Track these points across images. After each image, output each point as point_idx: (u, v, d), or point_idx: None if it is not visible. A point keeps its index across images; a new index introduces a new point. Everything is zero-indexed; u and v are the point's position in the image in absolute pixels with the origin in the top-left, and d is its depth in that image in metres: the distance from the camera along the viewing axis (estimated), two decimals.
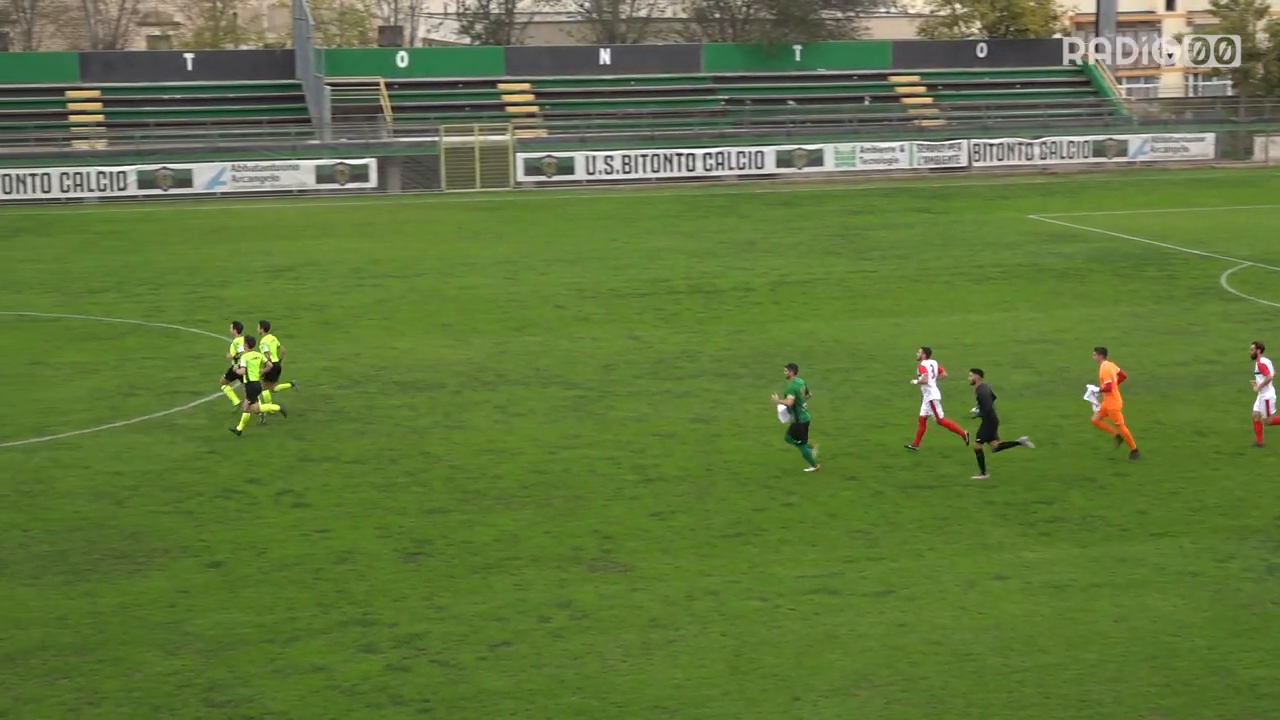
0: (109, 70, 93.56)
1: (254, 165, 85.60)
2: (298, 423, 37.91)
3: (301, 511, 31.32)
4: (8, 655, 24.25)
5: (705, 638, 24.85)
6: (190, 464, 34.60)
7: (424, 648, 24.49)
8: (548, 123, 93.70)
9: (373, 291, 55.97)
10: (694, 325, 49.58)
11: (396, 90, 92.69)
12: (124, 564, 28.32)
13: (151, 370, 43.69)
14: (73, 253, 66.02)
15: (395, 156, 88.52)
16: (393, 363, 44.51)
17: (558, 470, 33.91)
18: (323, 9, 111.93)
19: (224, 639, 24.86)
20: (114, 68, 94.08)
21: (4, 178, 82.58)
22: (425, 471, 33.93)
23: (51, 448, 35.99)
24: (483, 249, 65.82)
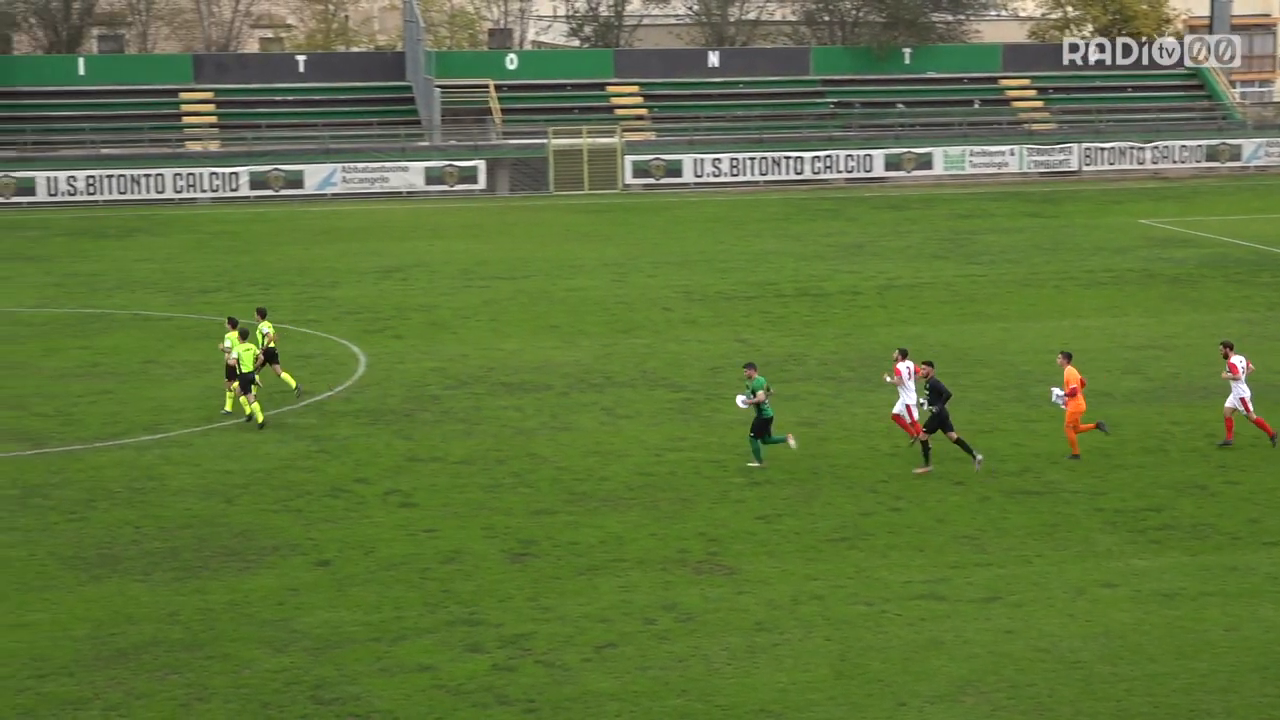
0: (222, 72, 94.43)
1: (364, 167, 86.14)
2: (405, 423, 38.14)
3: (409, 511, 31.49)
4: (120, 650, 24.53)
5: (810, 642, 24.80)
6: (299, 463, 34.87)
7: (529, 648, 24.57)
8: (656, 125, 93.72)
9: (481, 293, 56.20)
10: (801, 328, 49.47)
11: (506, 92, 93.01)
12: (234, 561, 28.58)
13: (264, 371, 44.01)
14: (185, 253, 66.69)
15: (504, 158, 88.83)
16: (500, 364, 44.68)
17: (664, 472, 33.93)
18: (433, 12, 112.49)
19: (331, 637, 25.04)
20: (227, 70, 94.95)
21: (119, 178, 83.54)
22: (532, 472, 34.03)
23: (163, 445, 36.37)
24: (590, 251, 65.94)
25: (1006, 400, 39.61)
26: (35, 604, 26.52)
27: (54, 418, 39.00)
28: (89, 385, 42.23)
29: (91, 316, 52.33)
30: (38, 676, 23.57)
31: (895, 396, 35.63)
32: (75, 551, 29.12)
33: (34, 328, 50.36)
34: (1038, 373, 42.64)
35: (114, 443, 36.66)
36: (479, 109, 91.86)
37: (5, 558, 28.77)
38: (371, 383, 42.26)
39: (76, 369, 44.31)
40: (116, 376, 43.40)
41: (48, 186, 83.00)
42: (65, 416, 39.13)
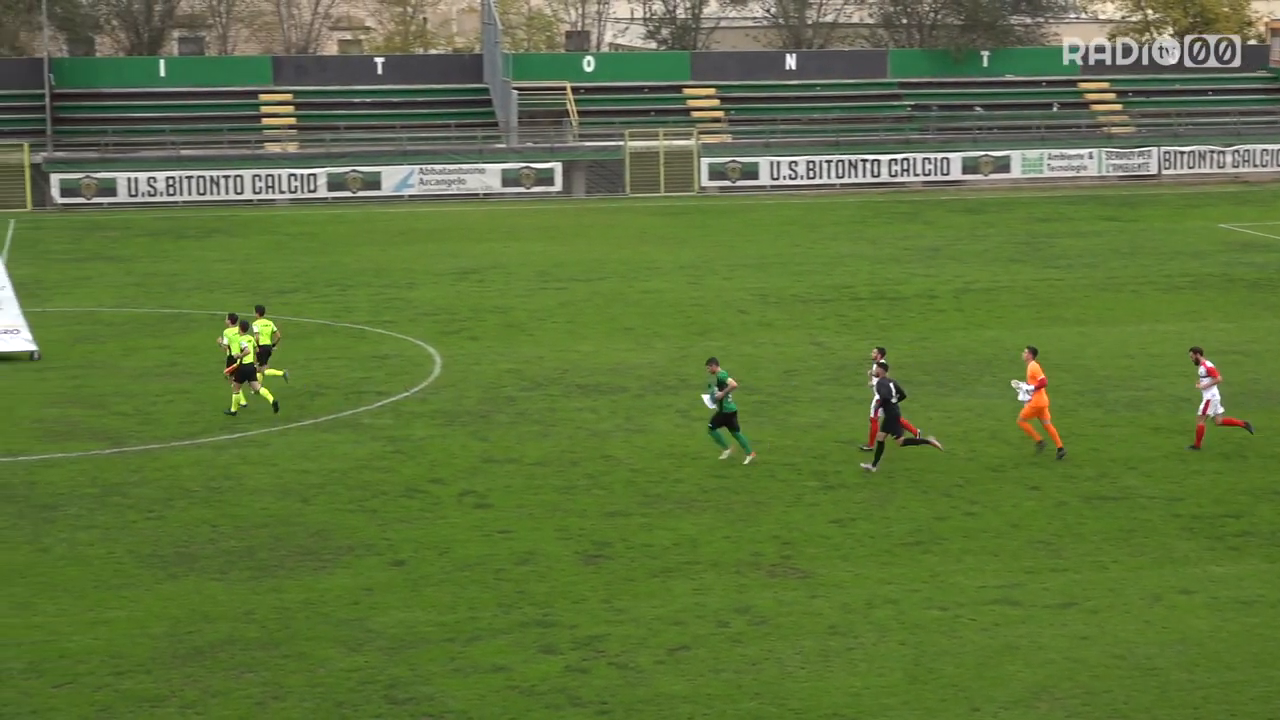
0: (301, 74, 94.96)
1: (441, 168, 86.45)
2: (481, 424, 38.26)
3: (484, 512, 31.59)
4: (196, 649, 24.71)
5: (884, 646, 24.73)
6: (375, 463, 35.03)
7: (603, 650, 24.61)
8: (732, 128, 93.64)
9: (556, 294, 56.30)
10: (877, 332, 49.33)
11: (582, 95, 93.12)
12: (309, 561, 28.74)
13: (338, 370, 44.28)
14: (264, 253, 67.10)
15: (580, 160, 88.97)
16: (575, 365, 44.74)
17: (738, 475, 33.91)
18: (511, 14, 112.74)
19: (406, 637, 25.14)
20: (306, 72, 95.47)
21: (199, 179, 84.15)
22: (606, 474, 34.07)
23: (240, 445, 36.60)
24: (666, 253, 65.96)
25: (1084, 405, 39.38)
26: (113, 602, 26.75)
27: (133, 417, 39.32)
28: (167, 385, 42.56)
29: (170, 316, 52.73)
30: (116, 674, 23.76)
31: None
32: (153, 550, 29.34)
33: (114, 327, 50.78)
34: (1115, 378, 42.41)
35: (191, 442, 36.93)
36: (556, 111, 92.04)
37: (84, 556, 29.02)
38: (447, 384, 42.40)
39: (155, 368, 44.67)
40: (194, 376, 43.70)
41: (128, 187, 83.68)
42: (144, 415, 39.44)
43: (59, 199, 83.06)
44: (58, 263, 64.74)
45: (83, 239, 71.72)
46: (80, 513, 31.54)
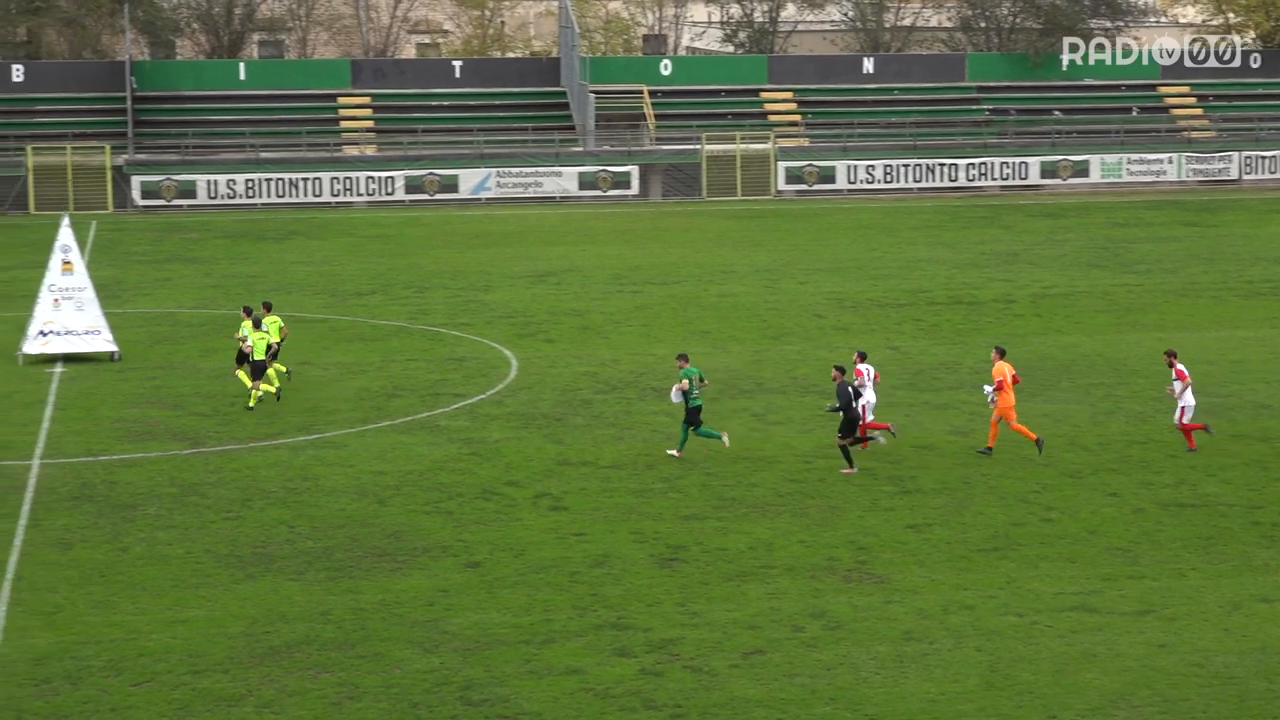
0: (380, 77, 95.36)
1: (518, 171, 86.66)
2: (556, 427, 38.33)
3: (559, 514, 31.64)
4: (273, 648, 24.85)
5: (960, 652, 24.64)
6: (451, 465, 35.14)
7: (677, 653, 24.61)
8: (809, 131, 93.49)
9: (632, 298, 56.34)
10: (954, 337, 49.16)
11: (659, 98, 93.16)
12: (385, 562, 28.86)
13: (415, 372, 44.45)
14: (341, 255, 67.42)
15: (657, 164, 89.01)
16: (651, 369, 44.75)
17: (814, 480, 33.85)
18: (589, 17, 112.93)
19: (481, 638, 25.21)
20: (385, 75, 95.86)
21: (278, 181, 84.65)
22: (681, 478, 34.07)
23: (318, 446, 36.79)
24: (742, 257, 65.91)
25: (1162, 412, 39.08)
26: (192, 601, 26.93)
27: (211, 418, 39.58)
28: (243, 387, 42.76)
29: None
30: (193, 673, 23.93)
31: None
32: (231, 550, 29.53)
33: (193, 328, 51.13)
34: (1195, 384, 42.02)
35: (270, 443, 37.14)
36: (633, 114, 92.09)
37: (163, 555, 29.24)
38: (523, 386, 42.50)
39: (233, 369, 44.86)
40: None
41: (208, 189, 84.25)
42: (222, 416, 39.69)
43: (139, 201, 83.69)
44: (138, 264, 65.24)
45: (163, 241, 72.25)
46: (159, 513, 31.77)
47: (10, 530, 30.70)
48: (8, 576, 28.12)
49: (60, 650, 24.74)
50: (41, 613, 26.35)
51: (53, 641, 25.11)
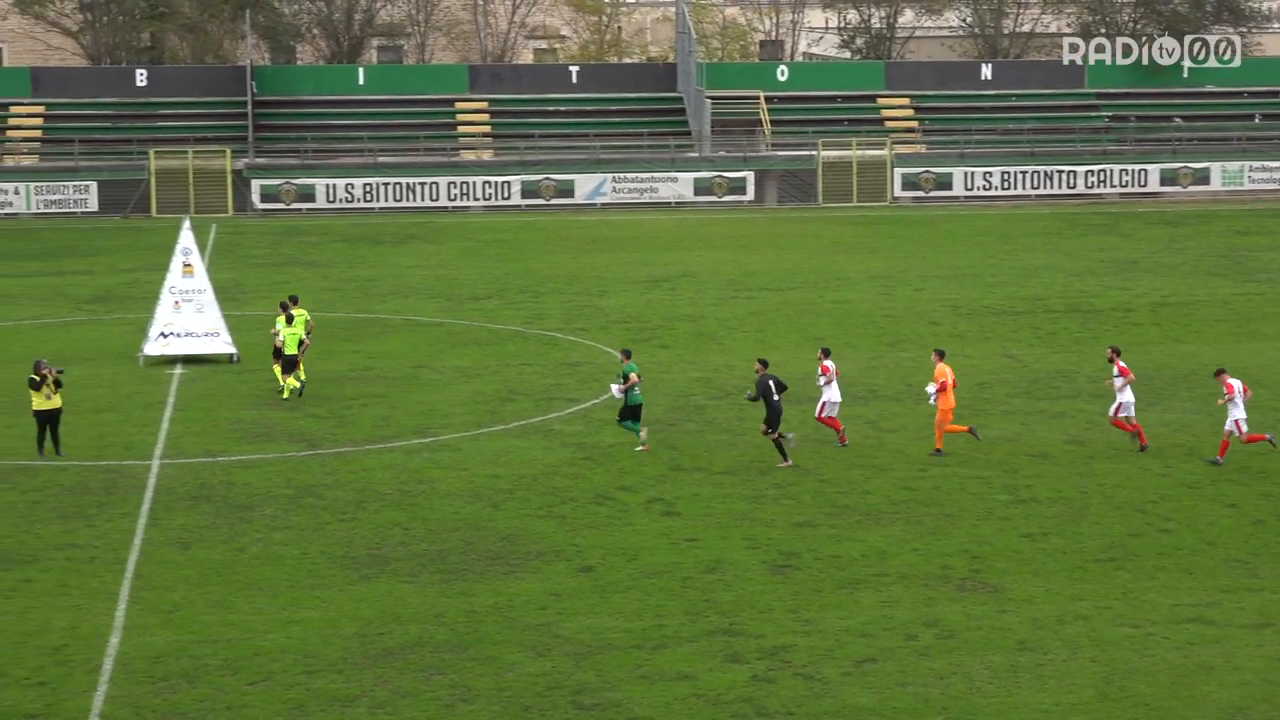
0: (497, 82, 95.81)
1: (634, 177, 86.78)
2: (669, 432, 38.34)
3: (671, 520, 31.66)
4: (387, 650, 25.00)
5: (1075, 663, 24.44)
6: (565, 469, 35.24)
7: (789, 660, 24.56)
8: (926, 138, 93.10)
9: (747, 304, 56.29)
10: (1071, 345, 48.77)
11: (775, 104, 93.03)
12: (499, 565, 28.97)
13: (530, 376, 44.61)
14: (458, 259, 67.79)
15: (773, 170, 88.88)
16: None
17: (928, 488, 33.69)
18: (706, 23, 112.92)
19: (593, 643, 25.26)
20: (502, 80, 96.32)
21: (396, 186, 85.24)
22: (794, 484, 34.00)
23: (433, 449, 37.00)
24: (857, 263, 65.70)
25: None
26: (307, 601, 27.16)
27: (328, 420, 39.90)
28: (362, 389, 43.13)
29: (365, 321, 53.42)
30: (308, 673, 24.12)
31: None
32: (346, 551, 29.75)
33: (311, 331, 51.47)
34: None
35: (385, 445, 37.39)
36: (749, 120, 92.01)
37: (279, 555, 29.50)
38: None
39: (350, 372, 45.29)
40: (388, 381, 44.26)
41: (327, 193, 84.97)
42: (338, 419, 40.00)
43: (259, 205, 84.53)
44: (257, 267, 65.89)
45: (281, 244, 72.92)
46: (276, 513, 32.06)
47: (130, 529, 31.09)
48: (128, 575, 28.48)
49: (178, 649, 25.02)
50: (160, 611, 26.66)
51: (171, 640, 25.39)
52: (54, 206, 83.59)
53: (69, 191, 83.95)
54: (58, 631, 25.73)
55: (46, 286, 60.85)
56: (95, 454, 36.56)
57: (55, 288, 60.58)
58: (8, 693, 23.38)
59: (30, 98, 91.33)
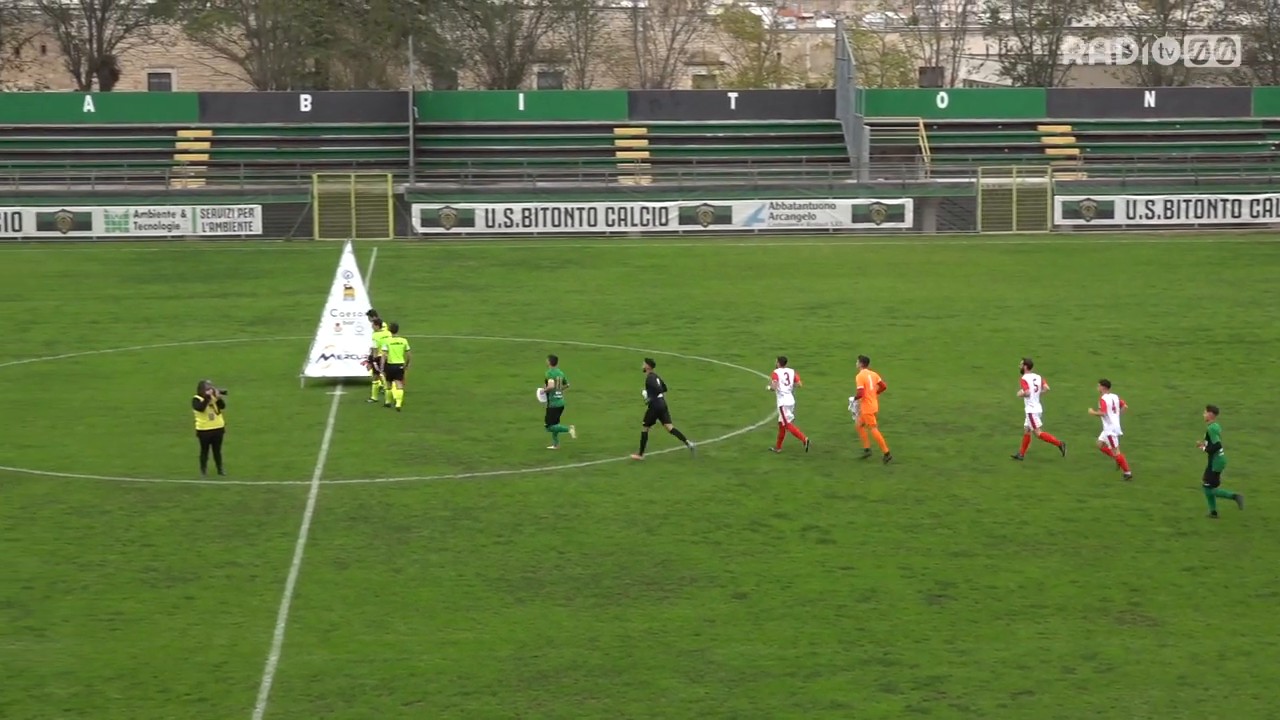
0: (656, 108, 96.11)
1: (791, 204, 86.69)
2: (825, 460, 38.22)
3: (826, 548, 31.54)
4: (541, 673, 25.10)
5: (1236, 699, 24.04)
6: (720, 495, 35.22)
7: (944, 691, 24.37)
8: (1088, 166, 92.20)
9: (904, 331, 56.02)
10: (1234, 376, 48.05)
11: (935, 131, 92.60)
12: (653, 590, 29.00)
13: (685, 402, 44.62)
14: (614, 285, 68.03)
15: (932, 197, 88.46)
16: (922, 403, 44.44)
17: (1086, 519, 33.31)
18: (865, 50, 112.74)
19: (746, 670, 25.21)
20: (660, 106, 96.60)
21: (554, 211, 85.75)
22: (951, 514, 33.76)
23: (588, 474, 37.13)
24: (1016, 292, 65.17)
25: None
26: (462, 623, 27.33)
27: (485, 443, 40.16)
28: (518, 412, 43.36)
29: (523, 345, 53.73)
30: (463, 694, 24.27)
31: None
32: (501, 574, 29.91)
33: (469, 355, 51.94)
34: None
35: (541, 469, 37.58)
36: (908, 147, 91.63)
37: (435, 577, 29.72)
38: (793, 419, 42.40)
39: (507, 396, 45.56)
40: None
41: (486, 218, 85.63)
42: (495, 442, 40.26)
43: (419, 229, 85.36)
44: (416, 290, 66.51)
45: (441, 268, 73.57)
46: (433, 535, 32.31)
47: (290, 548, 31.47)
48: (287, 593, 28.82)
49: (335, 667, 25.27)
50: (318, 630, 26.94)
51: (328, 659, 25.65)
52: (219, 229, 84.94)
53: (234, 215, 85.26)
54: (218, 648, 26.09)
55: (211, 308, 61.83)
56: (256, 474, 37.06)
57: (219, 309, 61.54)
58: (169, 708, 23.74)
59: (198, 122, 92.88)
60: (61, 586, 29.16)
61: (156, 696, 24.15)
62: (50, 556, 30.94)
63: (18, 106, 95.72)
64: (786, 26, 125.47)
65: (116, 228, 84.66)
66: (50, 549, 31.41)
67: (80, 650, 25.98)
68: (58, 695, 24.15)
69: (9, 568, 30.23)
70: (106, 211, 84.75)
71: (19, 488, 35.91)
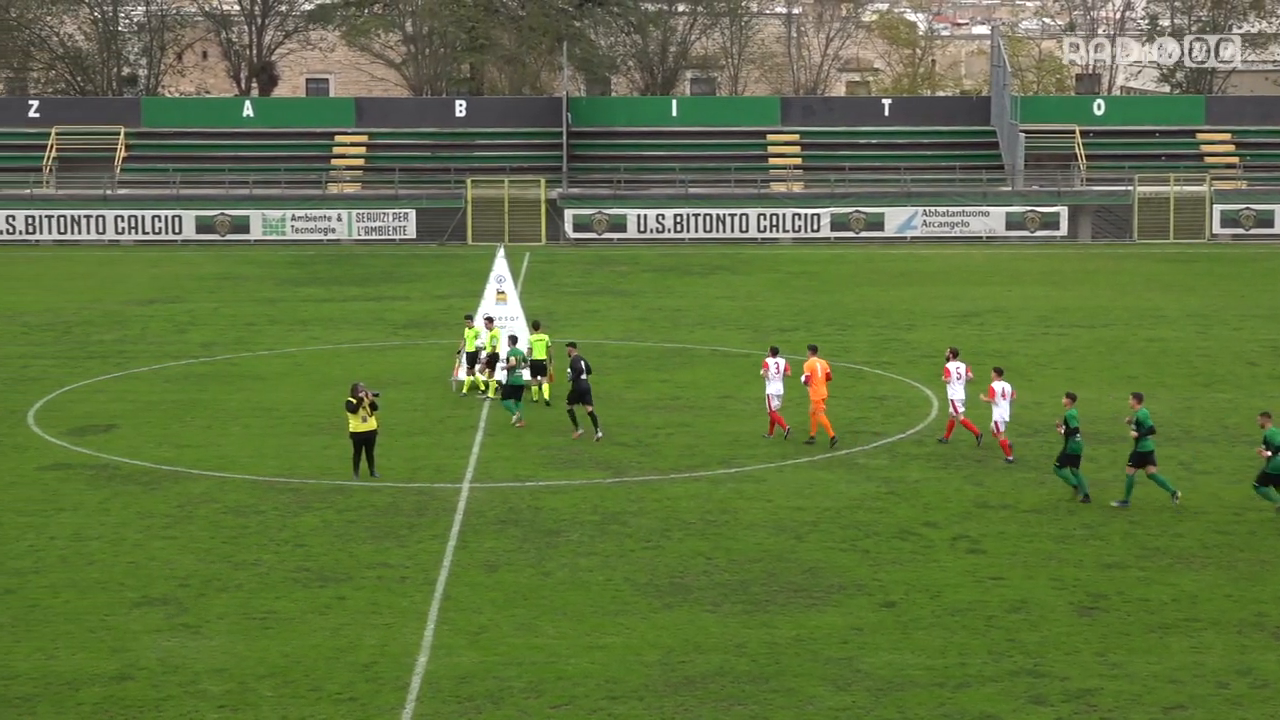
0: (808, 115, 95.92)
1: (945, 211, 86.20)
2: (975, 468, 37.96)
3: (976, 557, 31.32)
4: (688, 678, 25.12)
5: None
6: (869, 503, 35.08)
7: (1095, 704, 24.11)
8: (1247, 174, 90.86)
9: (1058, 340, 55.49)
10: None
11: (1091, 138, 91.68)
12: (800, 597, 28.93)
13: (835, 409, 44.41)
14: (765, 291, 67.95)
15: (1087, 205, 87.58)
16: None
17: (1243, 532, 32.83)
18: (1021, 56, 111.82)
19: (894, 679, 25.08)
20: (813, 112, 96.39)
21: (706, 216, 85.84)
22: (1104, 525, 33.40)
23: (737, 480, 37.11)
24: (1172, 301, 64.36)
25: None
26: (610, 627, 27.41)
27: (634, 448, 40.26)
28: (668, 417, 43.43)
29: (673, 351, 53.81)
30: (610, 698, 24.34)
31: None
32: (649, 579, 29.96)
33: (620, 360, 52.07)
34: None
35: (690, 474, 37.61)
36: (1063, 155, 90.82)
37: (584, 581, 29.83)
38: (943, 427, 42.17)
39: (657, 401, 45.64)
40: (694, 410, 44.52)
41: (638, 224, 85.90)
42: (645, 447, 40.34)
43: (571, 234, 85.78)
44: (568, 295, 66.81)
45: (592, 273, 73.86)
46: (582, 539, 32.43)
47: (440, 551, 31.72)
48: (436, 595, 29.05)
49: (484, 669, 25.44)
50: (467, 632, 27.13)
51: (477, 661, 25.83)
52: (374, 233, 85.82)
53: (389, 218, 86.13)
54: (368, 649, 26.35)
55: (365, 311, 62.47)
56: (408, 476, 37.39)
57: (373, 312, 62.16)
58: (320, 707, 24.01)
59: (354, 127, 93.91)
60: (216, 584, 29.60)
61: (308, 695, 24.44)
62: (206, 555, 31.41)
63: (179, 111, 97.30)
64: (941, 33, 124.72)
65: (273, 231, 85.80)
66: (206, 547, 31.90)
67: (234, 648, 26.35)
68: (212, 692, 24.51)
69: (166, 565, 30.74)
70: (264, 215, 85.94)
71: (177, 486, 36.49)
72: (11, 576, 30.06)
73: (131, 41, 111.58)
